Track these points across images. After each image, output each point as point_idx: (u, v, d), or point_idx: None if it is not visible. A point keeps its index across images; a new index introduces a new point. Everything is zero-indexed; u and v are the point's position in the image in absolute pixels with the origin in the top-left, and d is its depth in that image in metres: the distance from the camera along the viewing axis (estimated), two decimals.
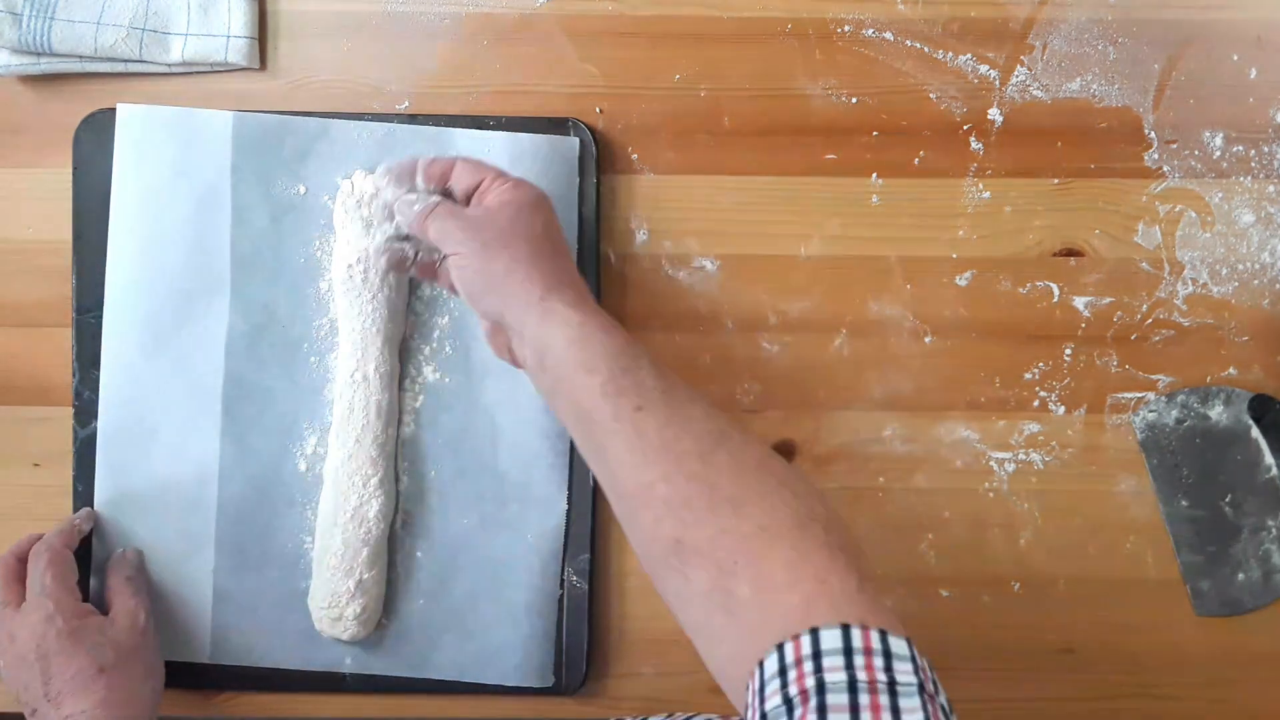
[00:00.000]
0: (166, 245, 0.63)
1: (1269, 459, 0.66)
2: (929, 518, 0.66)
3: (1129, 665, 0.66)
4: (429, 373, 0.64)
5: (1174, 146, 0.66)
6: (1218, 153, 0.65)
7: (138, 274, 0.63)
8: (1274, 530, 0.66)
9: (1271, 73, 0.65)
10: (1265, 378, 0.66)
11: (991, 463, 0.66)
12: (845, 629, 0.39)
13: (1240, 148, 0.65)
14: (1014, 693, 0.66)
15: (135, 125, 0.63)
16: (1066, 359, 0.66)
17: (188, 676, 0.64)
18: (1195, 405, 0.66)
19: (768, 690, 0.39)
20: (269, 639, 0.64)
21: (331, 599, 0.62)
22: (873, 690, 0.38)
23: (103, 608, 0.61)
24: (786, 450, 0.66)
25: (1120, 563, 0.66)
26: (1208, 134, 0.65)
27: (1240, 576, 0.66)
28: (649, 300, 0.66)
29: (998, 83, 0.65)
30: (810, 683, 0.38)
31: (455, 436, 0.64)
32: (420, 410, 0.64)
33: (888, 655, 0.39)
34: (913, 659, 0.39)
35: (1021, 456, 0.66)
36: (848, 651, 0.39)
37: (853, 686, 0.38)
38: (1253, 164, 0.65)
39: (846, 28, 0.65)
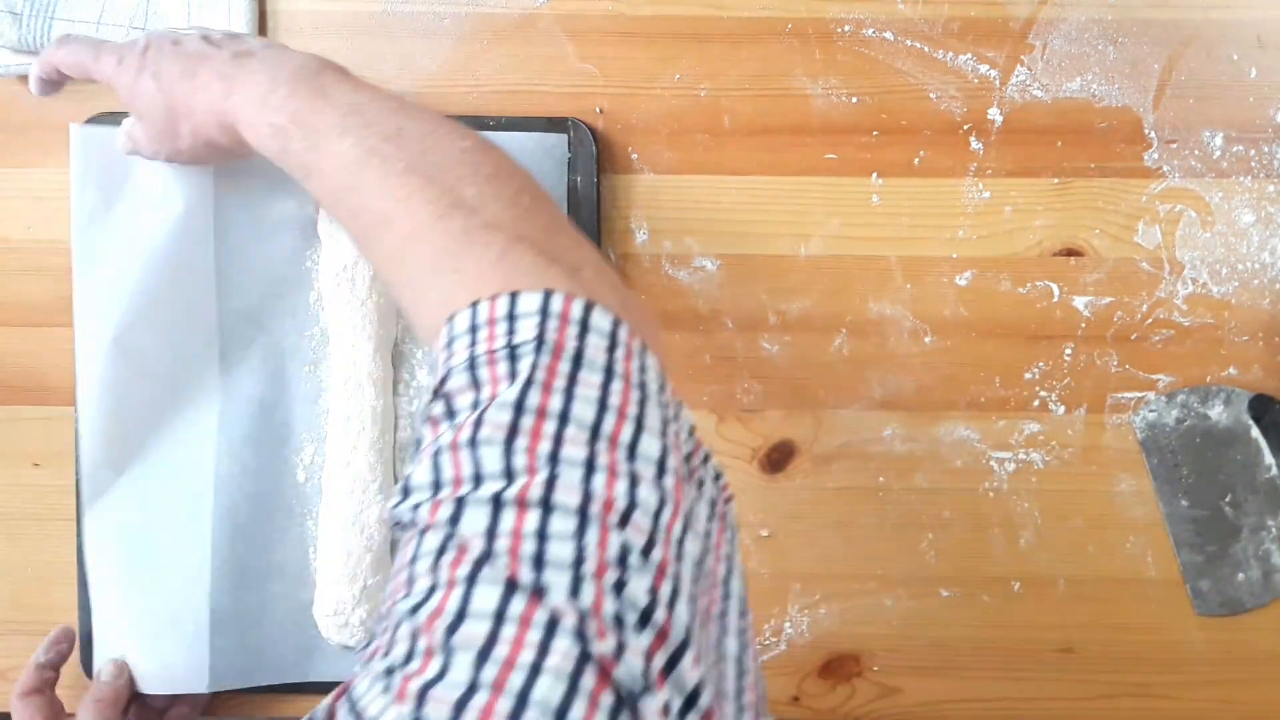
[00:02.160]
0: (146, 267, 0.60)
1: (1269, 459, 0.66)
2: (929, 518, 0.66)
3: (1129, 665, 0.66)
4: (423, 376, 0.64)
5: (1174, 146, 0.66)
6: (1218, 152, 0.65)
7: (115, 297, 0.60)
8: (1274, 530, 0.66)
9: (1272, 73, 0.65)
10: (1265, 377, 0.66)
11: (991, 462, 0.66)
12: (547, 294, 0.37)
13: (1240, 147, 0.65)
14: (1014, 692, 0.66)
15: (95, 146, 0.60)
16: (1066, 359, 0.66)
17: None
18: (1195, 405, 0.66)
19: (456, 346, 0.37)
20: (271, 657, 0.63)
21: (337, 606, 0.61)
22: (557, 354, 0.36)
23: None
24: (786, 450, 0.66)
25: (1120, 563, 0.66)
26: (1208, 134, 0.65)
27: (1240, 576, 0.66)
28: (649, 300, 0.66)
29: (998, 82, 0.65)
30: (500, 344, 0.36)
31: None
32: (416, 414, 0.64)
33: (584, 326, 0.37)
34: (612, 336, 0.37)
35: (1021, 456, 0.66)
36: (544, 314, 0.37)
37: (540, 344, 0.36)
38: (1253, 164, 0.65)
39: (846, 27, 0.65)
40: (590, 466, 0.33)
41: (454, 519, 0.32)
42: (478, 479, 0.33)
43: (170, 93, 0.50)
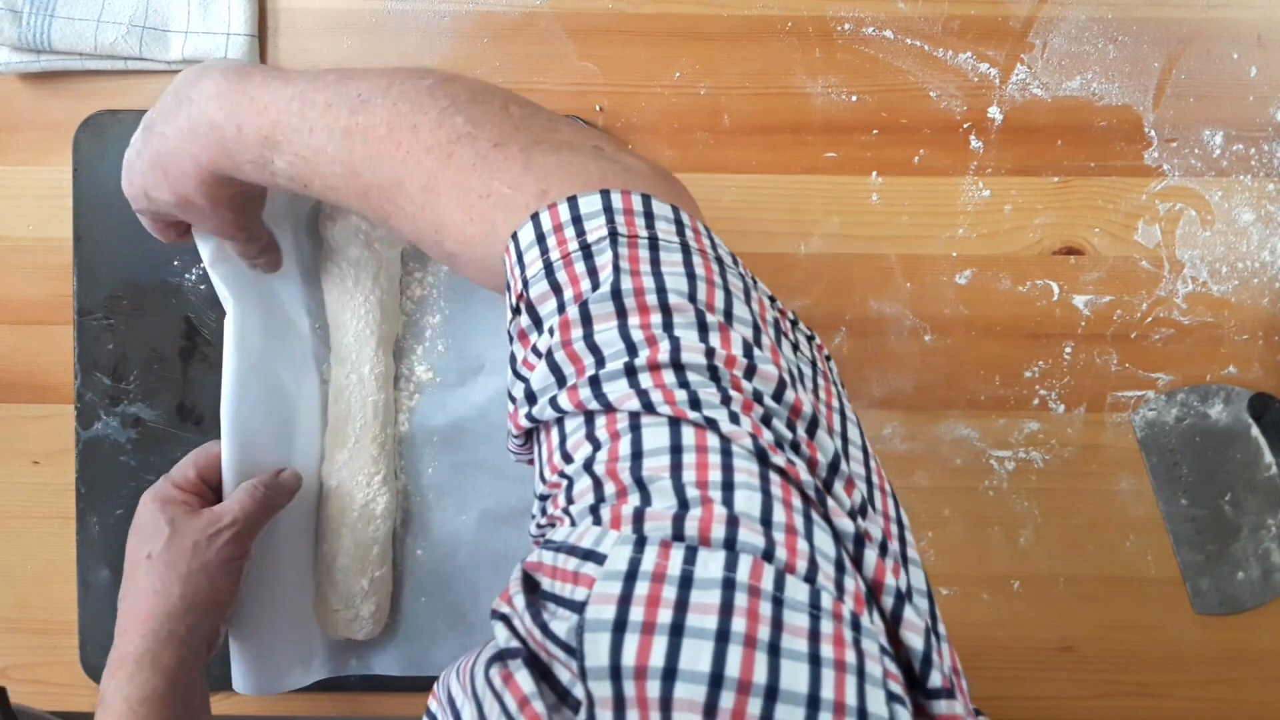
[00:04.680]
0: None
1: (1269, 457, 0.66)
2: (929, 516, 0.66)
3: (1128, 664, 0.66)
4: (421, 372, 0.64)
5: (1174, 145, 0.66)
6: (1218, 151, 0.65)
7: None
8: (1274, 529, 0.66)
9: (1271, 71, 0.65)
10: (1265, 376, 0.66)
11: (991, 461, 0.66)
12: (605, 193, 0.37)
13: (1240, 146, 0.65)
14: (1014, 691, 0.66)
15: None
16: (1066, 357, 0.66)
17: None
18: (1195, 404, 0.66)
19: (527, 259, 0.37)
20: (273, 654, 0.62)
21: (346, 600, 0.61)
22: (633, 244, 0.36)
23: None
24: None
25: (1120, 562, 0.66)
26: (1208, 132, 0.65)
27: (1240, 575, 0.66)
28: None
29: (998, 81, 0.65)
30: (573, 247, 0.36)
31: (451, 434, 0.64)
32: (415, 409, 0.64)
33: (650, 215, 0.37)
34: (606, 208, 0.37)
35: (1021, 455, 0.66)
36: (608, 211, 0.37)
37: (614, 239, 0.36)
38: (1253, 162, 0.65)
39: (846, 26, 0.65)
40: (703, 328, 0.34)
41: (595, 395, 0.33)
42: (600, 362, 0.34)
43: (170, 190, 0.49)
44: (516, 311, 0.37)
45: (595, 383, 0.33)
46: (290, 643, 0.63)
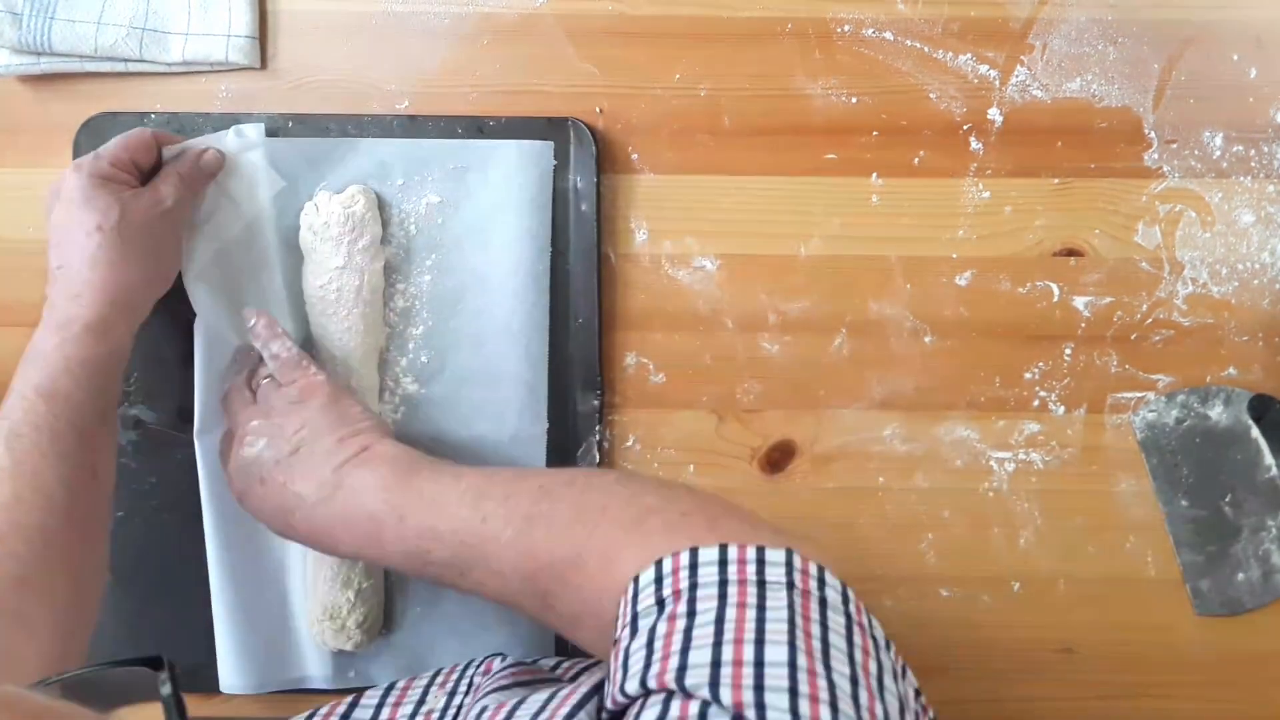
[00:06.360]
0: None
1: (1269, 459, 0.66)
2: (929, 518, 0.66)
3: (1128, 665, 0.66)
4: (407, 384, 0.64)
5: (1174, 146, 0.66)
6: (1218, 152, 0.66)
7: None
8: (1274, 530, 0.66)
9: (1271, 72, 0.65)
10: (1265, 377, 0.66)
11: (991, 462, 0.66)
12: (723, 546, 0.39)
13: (1240, 147, 0.65)
14: (1013, 692, 0.66)
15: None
16: (1066, 359, 0.66)
17: (187, 679, 0.64)
18: (1195, 405, 0.66)
19: (641, 595, 0.39)
20: (269, 663, 0.63)
21: (332, 611, 0.61)
22: (742, 584, 0.37)
23: None
24: (786, 450, 0.66)
25: (1120, 563, 0.66)
26: (1208, 134, 0.65)
27: (1240, 576, 0.66)
28: (649, 300, 0.66)
29: (998, 83, 0.65)
30: (685, 584, 0.38)
31: (435, 445, 0.63)
32: (400, 421, 0.64)
33: (761, 562, 0.39)
34: (788, 564, 0.39)
35: (1021, 456, 0.66)
36: (723, 563, 0.38)
37: (723, 583, 0.38)
38: (1253, 164, 0.66)
39: (846, 27, 0.65)
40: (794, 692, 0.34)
41: (677, 679, 0.33)
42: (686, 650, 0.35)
43: (280, 527, 0.53)
44: (628, 629, 0.39)
45: (680, 670, 0.34)
46: (279, 645, 0.63)
